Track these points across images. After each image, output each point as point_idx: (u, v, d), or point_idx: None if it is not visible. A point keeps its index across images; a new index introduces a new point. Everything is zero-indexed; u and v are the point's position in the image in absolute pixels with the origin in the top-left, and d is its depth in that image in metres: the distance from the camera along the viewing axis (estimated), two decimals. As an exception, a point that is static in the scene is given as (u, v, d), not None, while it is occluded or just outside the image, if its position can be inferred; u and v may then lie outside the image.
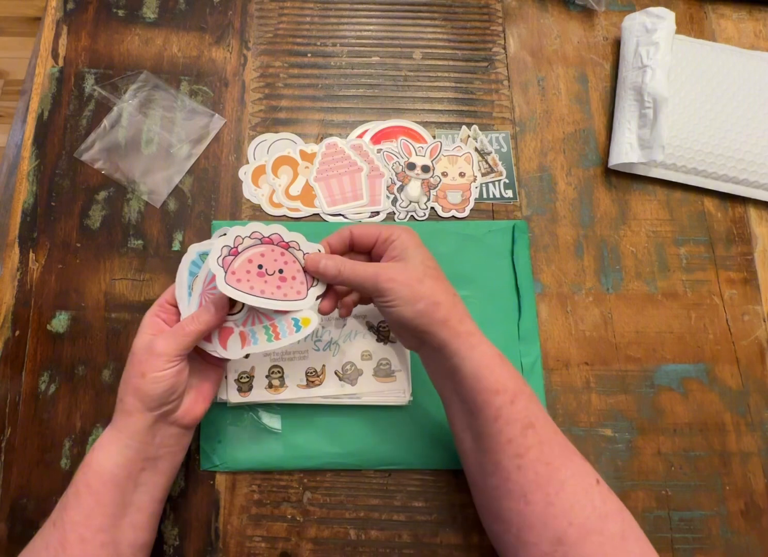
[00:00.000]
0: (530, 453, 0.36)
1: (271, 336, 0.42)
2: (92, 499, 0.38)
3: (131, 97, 0.57)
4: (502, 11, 0.63)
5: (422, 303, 0.39)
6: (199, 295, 0.43)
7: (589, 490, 0.36)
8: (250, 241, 0.42)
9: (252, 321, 0.43)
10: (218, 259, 0.41)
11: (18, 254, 0.52)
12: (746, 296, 0.54)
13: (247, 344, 0.42)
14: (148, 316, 0.43)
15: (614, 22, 0.62)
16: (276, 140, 0.57)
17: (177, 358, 0.40)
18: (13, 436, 0.48)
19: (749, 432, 0.50)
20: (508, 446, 0.37)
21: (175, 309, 0.43)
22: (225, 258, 0.41)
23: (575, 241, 0.55)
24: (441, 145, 0.57)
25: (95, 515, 0.38)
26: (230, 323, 0.42)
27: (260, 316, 0.43)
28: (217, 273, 0.40)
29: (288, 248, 0.43)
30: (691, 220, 0.56)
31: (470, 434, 0.40)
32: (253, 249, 0.42)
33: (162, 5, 0.61)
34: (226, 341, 0.42)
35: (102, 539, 0.37)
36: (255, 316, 0.43)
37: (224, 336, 0.42)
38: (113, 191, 0.55)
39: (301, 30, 0.61)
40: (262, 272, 0.42)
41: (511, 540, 0.37)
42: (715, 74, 0.57)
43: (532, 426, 0.37)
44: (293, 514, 0.47)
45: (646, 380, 0.51)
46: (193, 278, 0.43)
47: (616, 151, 0.56)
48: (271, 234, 0.43)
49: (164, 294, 0.44)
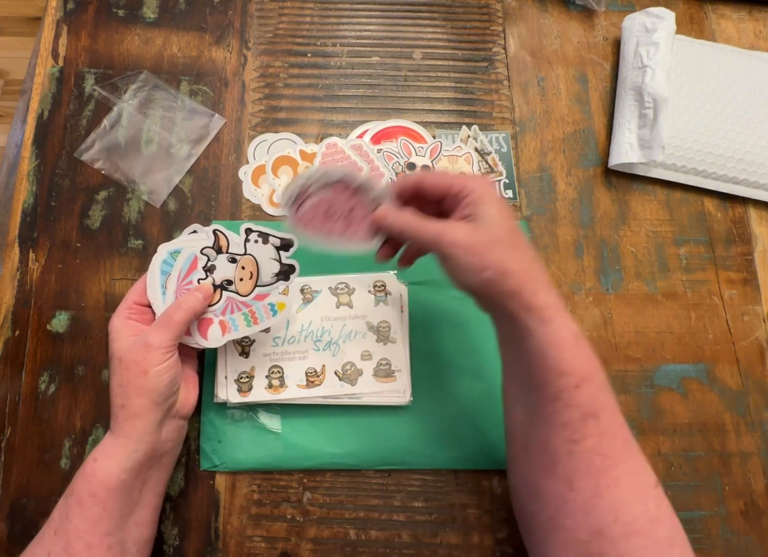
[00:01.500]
0: (587, 441, 0.34)
1: (250, 322, 0.44)
2: (99, 507, 0.37)
3: (131, 97, 0.57)
4: (502, 11, 0.63)
5: (489, 272, 0.35)
6: (174, 292, 0.44)
7: (646, 491, 0.34)
8: (318, 185, 0.42)
9: (231, 309, 0.44)
10: (289, 203, 0.42)
11: (18, 254, 0.52)
12: (746, 296, 0.54)
13: (227, 331, 0.44)
14: (118, 320, 0.42)
15: (614, 22, 0.62)
16: (276, 140, 0.57)
17: (172, 348, 0.40)
18: (13, 436, 0.48)
19: (749, 433, 0.50)
20: (562, 429, 0.34)
21: (146, 308, 0.44)
22: (293, 204, 0.42)
23: (575, 241, 0.55)
24: (441, 145, 0.57)
25: (102, 521, 0.37)
26: (209, 314, 0.44)
27: (238, 304, 0.44)
28: (289, 215, 0.42)
29: (357, 192, 0.43)
30: (691, 220, 0.56)
31: (523, 407, 0.37)
32: (322, 192, 0.43)
33: (162, 5, 0.61)
34: (206, 331, 0.44)
35: (109, 542, 0.37)
36: (233, 305, 0.44)
37: (204, 328, 0.44)
38: (113, 191, 0.55)
39: (301, 30, 0.61)
40: (329, 215, 0.42)
41: (544, 521, 0.36)
42: (715, 74, 0.57)
43: (595, 415, 0.34)
44: (293, 514, 0.47)
45: (646, 380, 0.51)
46: (166, 277, 0.44)
47: (616, 151, 0.56)
48: (340, 177, 0.42)
49: (129, 296, 0.43)
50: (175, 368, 0.40)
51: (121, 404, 0.39)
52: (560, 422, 0.35)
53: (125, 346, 0.40)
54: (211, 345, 0.44)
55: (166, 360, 0.40)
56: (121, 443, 0.39)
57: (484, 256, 0.35)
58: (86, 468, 0.38)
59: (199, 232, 0.46)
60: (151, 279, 0.44)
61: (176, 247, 0.45)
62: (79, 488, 0.38)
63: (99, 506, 0.37)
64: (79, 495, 0.37)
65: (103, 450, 0.39)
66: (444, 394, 0.49)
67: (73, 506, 0.37)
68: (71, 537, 0.37)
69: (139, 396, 0.39)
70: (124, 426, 0.39)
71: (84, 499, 0.37)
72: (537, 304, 0.35)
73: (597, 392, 0.35)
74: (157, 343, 0.39)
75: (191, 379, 0.45)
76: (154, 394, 0.39)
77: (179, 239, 0.47)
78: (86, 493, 0.37)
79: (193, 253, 0.45)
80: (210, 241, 0.45)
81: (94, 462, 0.38)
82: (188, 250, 0.45)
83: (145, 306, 0.44)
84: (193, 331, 0.43)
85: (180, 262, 0.45)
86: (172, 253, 0.45)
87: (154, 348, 0.39)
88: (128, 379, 0.39)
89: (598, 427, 0.34)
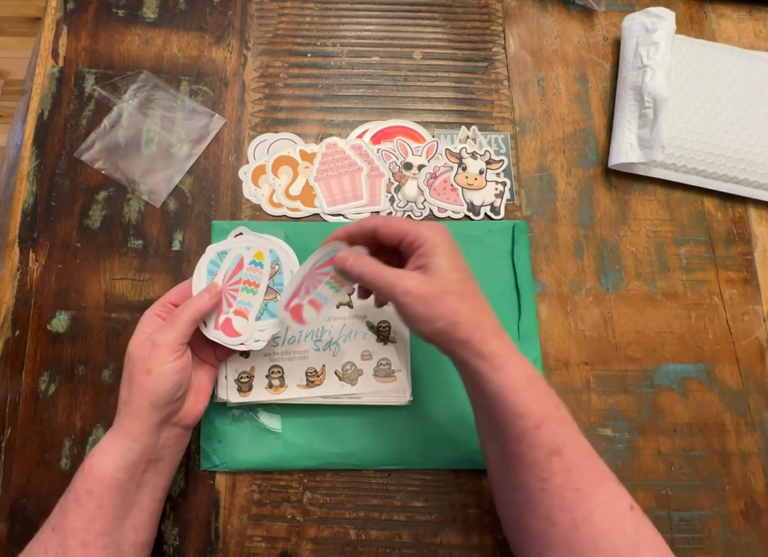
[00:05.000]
0: (555, 478, 0.35)
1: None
2: (94, 504, 0.37)
3: (131, 97, 0.57)
4: (502, 11, 0.63)
5: (440, 322, 0.36)
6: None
7: (621, 517, 0.35)
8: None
9: (311, 287, 0.44)
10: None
11: (18, 254, 0.52)
12: (746, 296, 0.54)
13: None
14: (147, 315, 0.43)
15: (614, 22, 0.62)
16: (276, 140, 0.57)
17: (179, 349, 0.40)
18: (13, 436, 0.48)
19: (749, 432, 0.50)
20: (532, 468, 0.35)
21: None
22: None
23: (575, 241, 0.55)
24: (437, 145, 0.57)
25: (97, 519, 0.37)
26: (296, 300, 0.43)
27: (314, 278, 0.43)
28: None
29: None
30: (691, 220, 0.56)
31: (495, 446, 0.38)
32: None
33: (162, 5, 0.61)
34: (301, 316, 0.43)
35: (104, 542, 0.37)
36: (310, 282, 0.43)
37: (298, 314, 0.43)
38: (113, 191, 0.55)
39: (301, 30, 0.61)
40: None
41: (533, 555, 0.36)
42: (715, 74, 0.57)
43: (558, 452, 0.35)
44: (293, 514, 0.47)
45: (646, 380, 0.51)
46: (212, 277, 0.45)
47: (616, 151, 0.56)
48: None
49: (168, 295, 0.44)
50: (181, 373, 0.40)
51: (124, 400, 0.40)
52: (528, 462, 0.35)
53: (136, 342, 0.41)
54: (311, 326, 0.45)
55: (172, 362, 0.39)
56: (118, 440, 0.39)
57: (435, 306, 0.36)
58: (84, 465, 0.39)
59: (245, 235, 0.49)
60: (197, 279, 0.45)
61: (224, 248, 0.46)
62: (77, 485, 0.38)
63: (94, 503, 0.37)
64: (77, 491, 0.38)
65: (100, 446, 0.39)
66: (444, 394, 0.49)
67: (70, 502, 0.38)
68: (68, 534, 0.37)
69: (140, 396, 0.39)
70: (123, 423, 0.39)
71: (81, 496, 0.37)
72: (487, 352, 0.36)
73: (557, 429, 0.36)
74: (161, 342, 0.40)
75: (203, 390, 0.44)
76: (153, 396, 0.39)
77: (227, 240, 0.48)
78: (83, 490, 0.38)
79: (240, 254, 0.46)
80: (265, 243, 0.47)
81: (91, 458, 0.39)
82: (236, 251, 0.46)
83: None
84: (288, 321, 0.43)
85: (227, 263, 0.46)
86: (220, 253, 0.46)
87: (159, 346, 0.39)
88: (132, 376, 0.39)
89: (563, 463, 0.35)
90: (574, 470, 0.35)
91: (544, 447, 0.35)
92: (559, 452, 0.35)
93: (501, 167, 0.56)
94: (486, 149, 0.57)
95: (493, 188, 0.56)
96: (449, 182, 0.56)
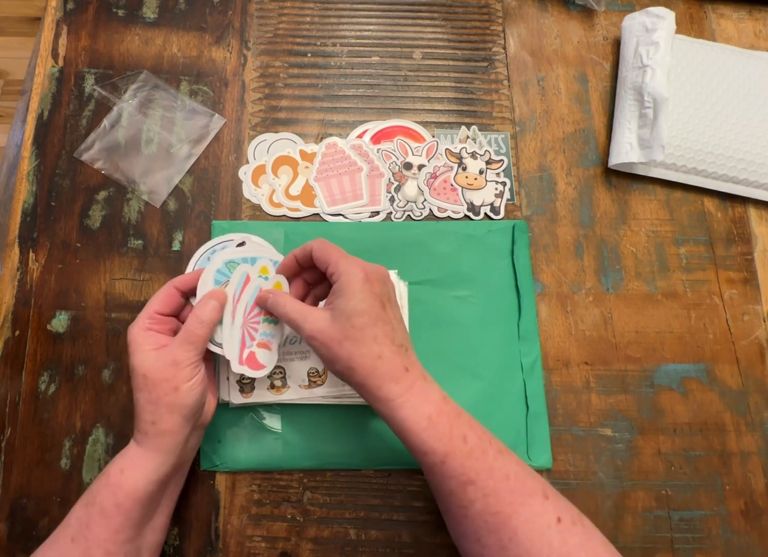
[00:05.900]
0: (474, 506, 0.36)
1: (274, 319, 0.44)
2: (122, 517, 0.37)
3: (131, 97, 0.57)
4: (502, 11, 0.63)
5: (339, 365, 0.38)
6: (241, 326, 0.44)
7: (546, 533, 0.35)
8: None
9: (254, 329, 0.44)
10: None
11: (18, 254, 0.52)
12: (746, 296, 0.54)
13: (270, 345, 0.44)
14: (138, 331, 0.40)
15: (614, 22, 0.62)
16: (276, 140, 0.57)
17: (199, 363, 0.41)
18: (13, 436, 0.48)
19: (749, 432, 0.50)
20: (451, 497, 0.36)
21: (167, 318, 0.42)
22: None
23: (575, 240, 0.55)
24: (437, 145, 0.57)
25: (124, 530, 0.37)
26: (246, 350, 0.43)
27: (249, 323, 0.44)
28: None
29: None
30: (691, 220, 0.56)
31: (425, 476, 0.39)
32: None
33: (162, 5, 0.61)
34: (258, 363, 0.44)
35: (126, 549, 0.38)
36: (249, 326, 0.44)
37: (254, 362, 0.44)
38: (113, 191, 0.55)
39: (301, 30, 0.61)
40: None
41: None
42: (715, 74, 0.57)
43: (471, 482, 0.36)
44: (293, 514, 0.47)
45: (646, 380, 0.51)
46: (220, 286, 0.44)
47: (616, 151, 0.56)
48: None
49: (150, 305, 0.42)
50: (204, 382, 0.41)
51: (151, 421, 0.39)
52: (447, 491, 0.37)
53: (149, 363, 0.39)
54: (271, 365, 0.44)
55: (196, 375, 0.40)
56: (150, 456, 0.39)
57: (334, 350, 0.38)
58: (111, 479, 0.38)
59: (247, 244, 0.47)
60: (203, 288, 0.43)
61: (232, 258, 0.44)
62: (103, 499, 0.38)
63: (123, 516, 0.37)
64: (103, 505, 0.37)
65: (130, 461, 0.39)
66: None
67: (94, 515, 0.37)
68: (91, 545, 0.37)
69: (171, 413, 0.39)
70: (153, 441, 0.39)
71: (108, 510, 0.37)
72: (382, 397, 0.37)
73: (465, 461, 0.36)
74: (186, 360, 0.39)
75: (212, 386, 0.45)
76: (185, 410, 0.39)
77: (230, 249, 0.46)
78: (111, 504, 0.37)
79: (246, 272, 0.44)
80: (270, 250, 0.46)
81: (120, 474, 0.38)
82: (241, 269, 0.44)
83: (165, 315, 0.42)
84: (249, 374, 0.43)
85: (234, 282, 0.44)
86: (228, 263, 0.44)
87: (183, 365, 0.39)
88: (158, 396, 0.38)
89: (478, 491, 0.36)
90: (491, 495, 0.36)
91: (455, 478, 0.36)
92: (472, 482, 0.36)
93: (501, 167, 0.57)
94: (486, 149, 0.57)
95: (493, 188, 0.56)
96: (449, 182, 0.56)
